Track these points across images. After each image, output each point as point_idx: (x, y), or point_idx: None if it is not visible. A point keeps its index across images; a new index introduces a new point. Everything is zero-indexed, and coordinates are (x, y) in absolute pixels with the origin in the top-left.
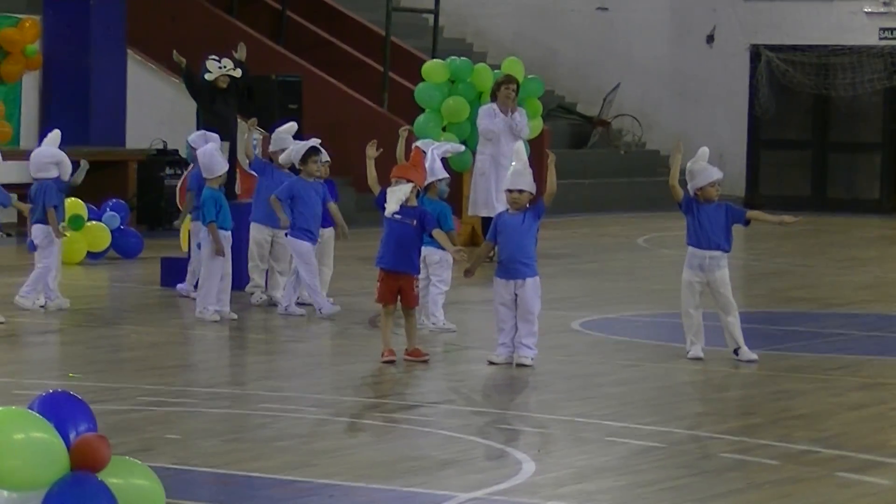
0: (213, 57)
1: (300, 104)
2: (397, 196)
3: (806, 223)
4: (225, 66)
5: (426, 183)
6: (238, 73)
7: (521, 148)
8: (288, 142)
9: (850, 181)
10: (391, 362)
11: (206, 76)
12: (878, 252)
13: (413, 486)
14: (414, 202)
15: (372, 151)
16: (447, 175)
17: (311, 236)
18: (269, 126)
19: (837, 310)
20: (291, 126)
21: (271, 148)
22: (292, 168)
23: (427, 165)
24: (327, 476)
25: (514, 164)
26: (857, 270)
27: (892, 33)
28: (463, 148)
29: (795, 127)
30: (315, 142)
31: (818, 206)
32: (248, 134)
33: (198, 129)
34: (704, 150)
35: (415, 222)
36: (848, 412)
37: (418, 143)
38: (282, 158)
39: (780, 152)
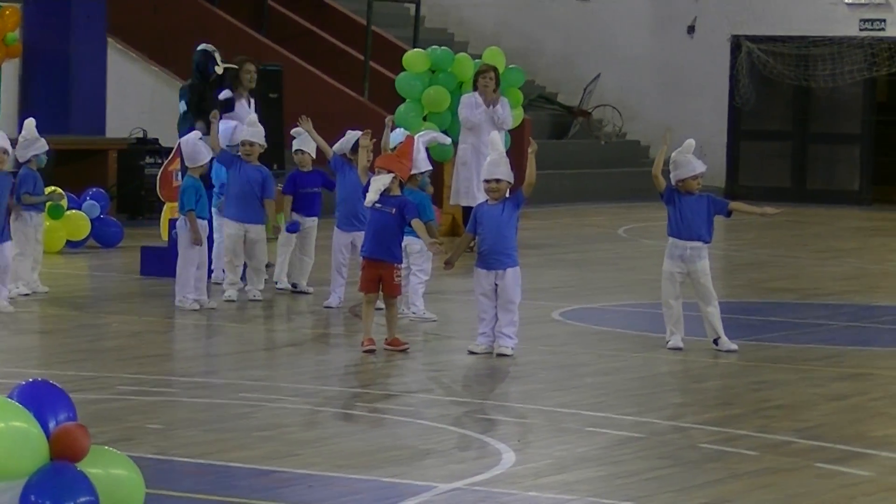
0: (212, 48)
1: (281, 93)
2: (377, 185)
3: (786, 214)
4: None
5: (410, 174)
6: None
7: (497, 138)
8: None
9: (830, 172)
10: (371, 351)
11: (216, 69)
12: (858, 243)
13: (393, 476)
14: (396, 191)
15: (365, 141)
16: (431, 167)
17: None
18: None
19: (817, 300)
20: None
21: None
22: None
23: (412, 155)
24: (307, 466)
25: (490, 154)
26: (837, 261)
27: (872, 24)
28: (449, 140)
29: (776, 118)
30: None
31: (798, 198)
32: (214, 125)
33: (182, 119)
34: (690, 142)
35: (394, 211)
36: (828, 403)
37: (420, 134)
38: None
39: (761, 143)
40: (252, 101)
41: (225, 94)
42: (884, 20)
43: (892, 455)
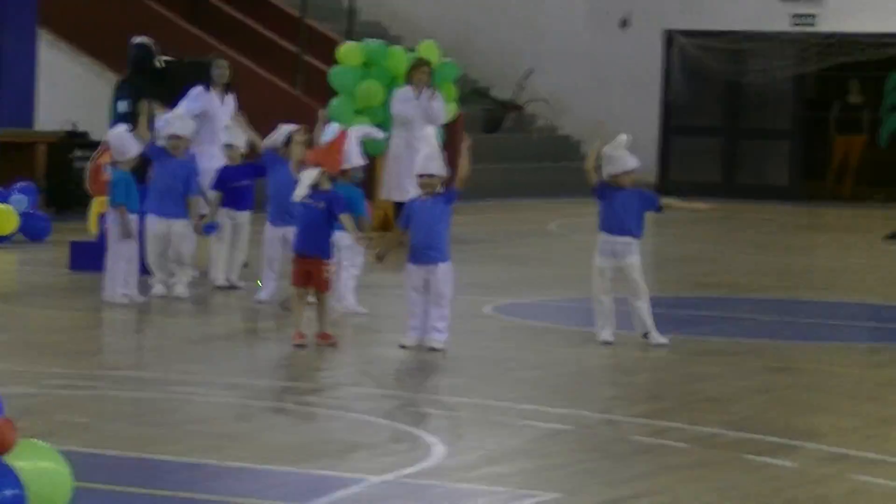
0: (149, 41)
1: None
2: (306, 180)
3: (716, 209)
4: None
5: (342, 169)
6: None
7: (430, 132)
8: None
9: (760, 168)
10: (302, 346)
11: (155, 62)
12: (787, 238)
13: (323, 468)
14: (326, 186)
15: (300, 137)
16: (364, 162)
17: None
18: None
19: (746, 294)
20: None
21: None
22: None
23: (344, 150)
24: (237, 459)
25: (423, 148)
26: (766, 256)
27: (803, 20)
28: (383, 134)
29: (707, 113)
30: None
31: (728, 193)
32: (142, 117)
33: (119, 117)
34: (623, 138)
35: (323, 206)
36: (756, 395)
37: (353, 129)
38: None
39: (692, 138)
40: (228, 96)
41: (196, 92)
42: (814, 15)
43: (818, 446)
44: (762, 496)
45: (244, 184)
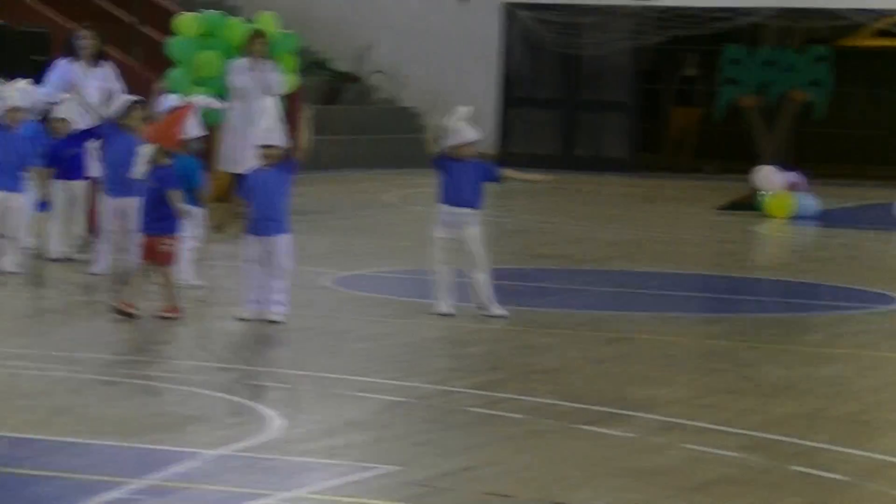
0: None
1: (48, 56)
2: (143, 157)
3: (555, 181)
4: None
5: (180, 140)
6: None
7: (270, 104)
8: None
9: (598, 140)
10: (130, 315)
11: None
12: (625, 210)
13: (157, 442)
14: (164, 160)
15: (141, 112)
16: (202, 133)
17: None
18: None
19: (584, 266)
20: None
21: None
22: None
23: (182, 123)
24: (69, 434)
25: (263, 120)
26: (604, 228)
27: None
28: (221, 105)
29: (546, 86)
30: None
31: (567, 164)
32: None
33: None
34: (464, 109)
35: (158, 182)
36: (591, 366)
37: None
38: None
39: (531, 110)
40: (99, 68)
41: (59, 64)
42: None
43: (651, 416)
44: (596, 465)
45: (75, 152)
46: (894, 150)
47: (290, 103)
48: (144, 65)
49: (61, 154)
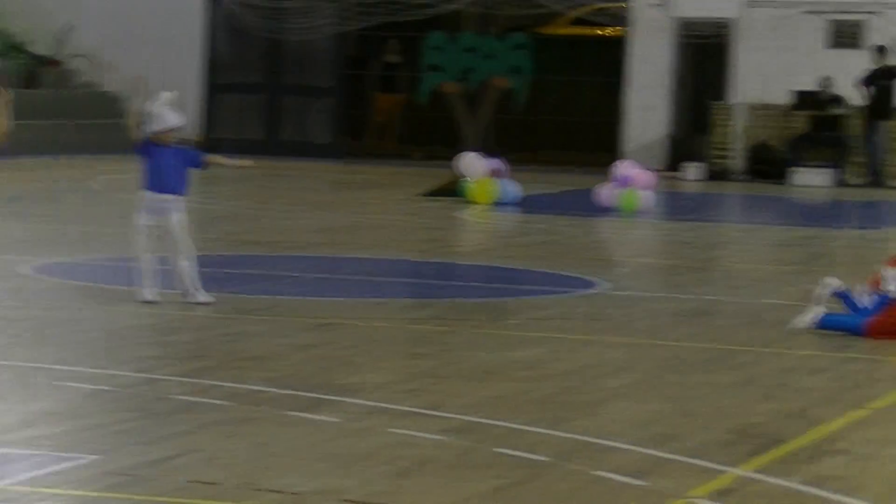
0: None
1: None
2: None
3: (260, 167)
4: None
5: None
6: None
7: None
8: None
9: (304, 125)
10: None
11: None
12: (331, 196)
13: None
14: None
15: None
16: None
17: None
18: None
19: (289, 252)
20: None
21: None
22: None
23: None
24: None
25: None
26: (310, 214)
27: None
28: None
29: (250, 70)
30: None
31: (272, 150)
32: None
33: None
34: (167, 94)
35: None
36: (297, 352)
37: None
38: None
39: (236, 96)
40: None
41: None
42: None
43: (357, 401)
44: (302, 451)
45: None
46: (592, 136)
47: None
48: None
49: None
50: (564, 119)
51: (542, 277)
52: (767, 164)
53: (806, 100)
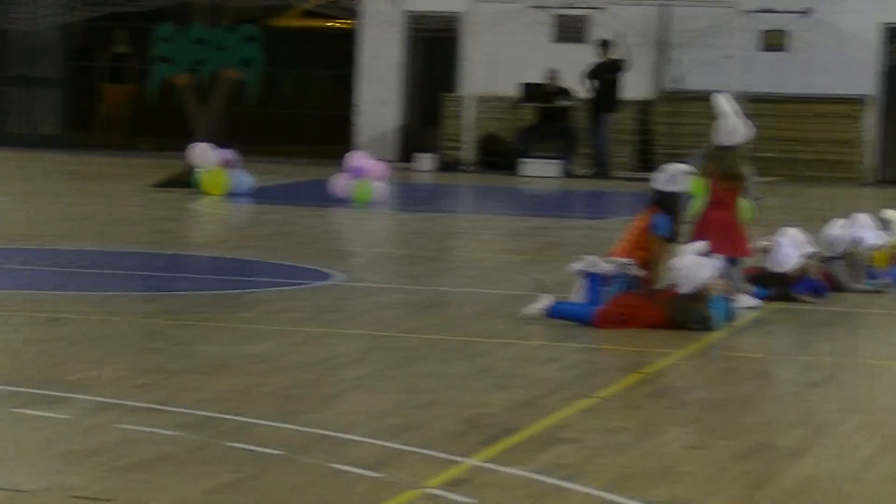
0: None
1: None
2: None
3: None
4: None
5: None
6: None
7: None
8: None
9: (29, 116)
10: None
11: None
12: (60, 188)
13: None
14: None
15: None
16: None
17: None
18: None
19: (18, 245)
20: None
21: None
22: None
23: None
24: None
25: None
26: (39, 206)
27: None
28: None
29: None
30: None
31: None
32: None
33: None
34: None
35: None
36: (26, 347)
37: None
38: None
39: None
40: None
41: None
42: None
43: (88, 397)
44: (33, 449)
45: None
46: (323, 128)
47: None
48: None
49: None
50: (297, 112)
51: (276, 269)
52: (497, 156)
53: (533, 92)
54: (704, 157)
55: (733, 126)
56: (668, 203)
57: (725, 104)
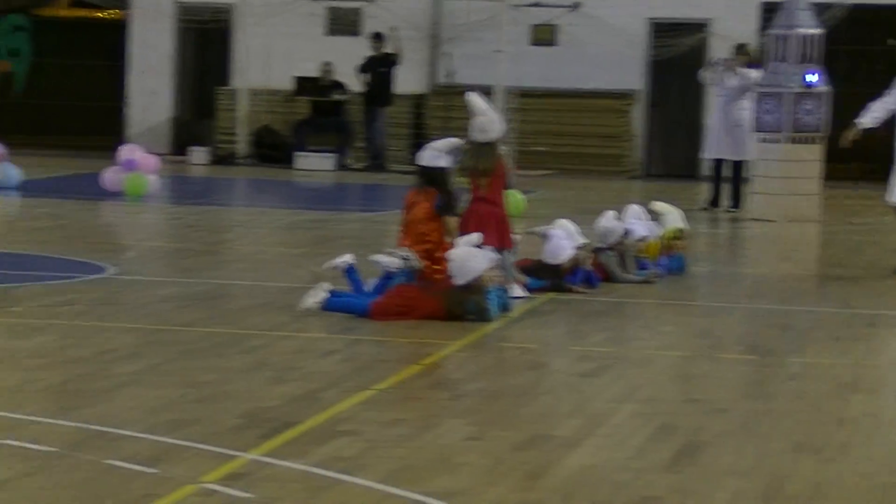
0: None
1: None
2: None
3: None
4: None
5: None
6: None
7: None
8: None
9: None
10: None
11: None
12: None
13: None
14: None
15: None
16: None
17: None
18: None
19: None
20: None
21: None
22: None
23: None
24: None
25: None
26: None
27: None
28: None
29: None
30: None
31: None
32: None
33: None
34: None
35: None
36: None
37: None
38: None
39: None
40: None
41: None
42: None
43: None
44: None
45: None
46: (94, 120)
47: None
48: None
49: None
50: (67, 103)
51: (48, 263)
52: (272, 149)
53: (307, 85)
54: (463, 154)
55: (488, 123)
56: (437, 179)
57: (480, 102)
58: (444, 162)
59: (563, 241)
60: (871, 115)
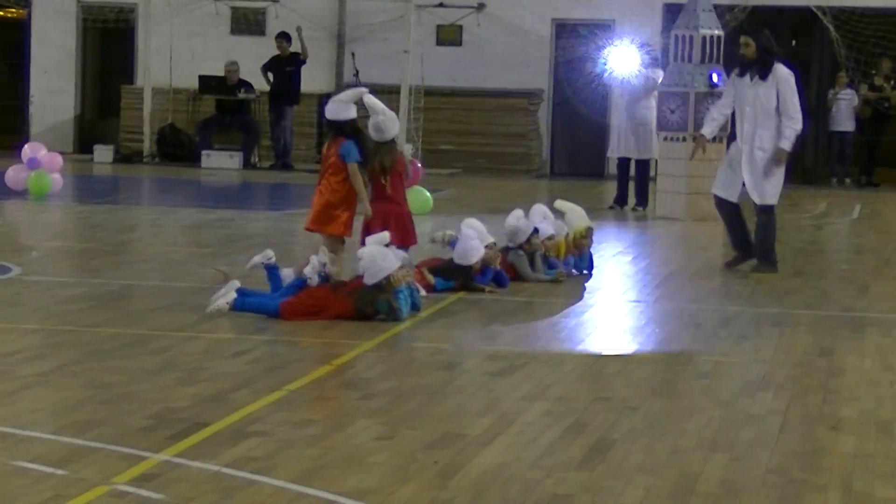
0: None
1: None
2: None
3: None
4: None
5: None
6: None
7: None
8: None
9: None
10: None
11: None
12: None
13: None
14: None
15: None
16: None
17: None
18: None
19: None
20: None
21: None
22: None
23: None
24: None
25: None
26: None
27: None
28: None
29: None
30: None
31: None
32: None
33: None
34: None
35: None
36: None
37: None
38: None
39: None
40: None
41: None
42: None
43: None
44: None
45: None
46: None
47: None
48: None
49: None
50: None
51: None
52: (177, 148)
53: (213, 84)
54: (363, 153)
55: (384, 122)
56: (346, 130)
57: (376, 102)
58: (349, 113)
59: (474, 241)
60: (713, 124)
